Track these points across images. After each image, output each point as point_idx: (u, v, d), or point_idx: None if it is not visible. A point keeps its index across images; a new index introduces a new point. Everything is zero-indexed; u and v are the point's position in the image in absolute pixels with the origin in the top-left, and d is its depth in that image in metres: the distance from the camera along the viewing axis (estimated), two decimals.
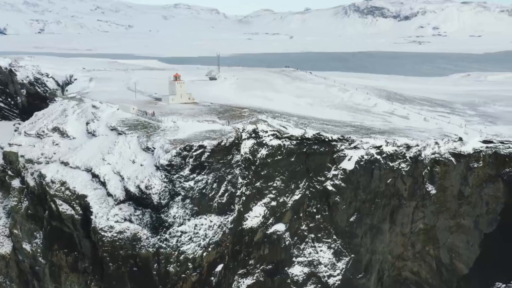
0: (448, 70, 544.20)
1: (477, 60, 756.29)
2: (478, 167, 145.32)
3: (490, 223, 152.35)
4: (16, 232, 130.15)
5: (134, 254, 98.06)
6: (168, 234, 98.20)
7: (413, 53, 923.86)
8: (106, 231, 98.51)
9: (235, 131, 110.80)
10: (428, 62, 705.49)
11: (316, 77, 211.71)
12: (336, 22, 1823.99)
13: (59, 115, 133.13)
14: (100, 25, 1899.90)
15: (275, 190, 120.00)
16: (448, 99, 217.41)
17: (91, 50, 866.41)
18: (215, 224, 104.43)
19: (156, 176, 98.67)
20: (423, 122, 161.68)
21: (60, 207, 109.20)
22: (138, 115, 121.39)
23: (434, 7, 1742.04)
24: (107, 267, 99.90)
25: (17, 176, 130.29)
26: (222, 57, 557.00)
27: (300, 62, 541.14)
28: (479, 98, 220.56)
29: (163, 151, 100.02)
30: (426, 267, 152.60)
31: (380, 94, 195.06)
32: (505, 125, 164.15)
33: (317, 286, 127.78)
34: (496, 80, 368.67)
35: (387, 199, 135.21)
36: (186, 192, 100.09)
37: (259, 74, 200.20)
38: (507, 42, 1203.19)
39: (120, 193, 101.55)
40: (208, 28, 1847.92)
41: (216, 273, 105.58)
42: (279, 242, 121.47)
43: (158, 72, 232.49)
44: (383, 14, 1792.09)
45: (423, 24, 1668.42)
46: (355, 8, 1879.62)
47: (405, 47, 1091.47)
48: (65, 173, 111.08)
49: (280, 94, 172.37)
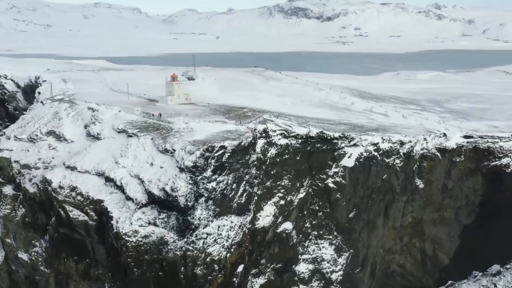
0: (377, 70, 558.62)
1: (401, 59, 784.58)
2: (460, 161, 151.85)
3: (469, 215, 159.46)
4: (9, 241, 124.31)
5: (161, 258, 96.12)
6: (195, 237, 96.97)
7: (340, 53, 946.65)
8: (130, 236, 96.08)
9: (251, 131, 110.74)
10: (355, 61, 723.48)
11: (288, 77, 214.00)
12: (261, 23, 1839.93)
13: (52, 118, 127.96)
14: (17, 25, 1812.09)
15: (283, 189, 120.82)
16: (409, 97, 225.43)
17: (11, 50, 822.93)
18: (236, 225, 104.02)
19: (181, 178, 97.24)
20: (402, 119, 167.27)
21: (71, 213, 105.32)
22: (145, 117, 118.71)
23: (355, 8, 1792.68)
24: (131, 272, 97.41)
25: (9, 182, 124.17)
26: (152, 57, 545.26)
27: (236, 62, 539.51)
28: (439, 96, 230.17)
29: (187, 153, 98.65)
30: (411, 259, 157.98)
31: (352, 92, 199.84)
32: (478, 121, 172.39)
33: (321, 282, 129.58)
34: (425, 79, 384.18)
35: (382, 195, 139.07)
36: (209, 194, 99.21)
37: (234, 74, 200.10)
38: (425, 42, 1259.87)
39: (141, 197, 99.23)
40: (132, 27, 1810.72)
41: (238, 273, 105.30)
42: (287, 241, 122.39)
43: (131, 72, 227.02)
44: (307, 15, 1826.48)
45: (345, 25, 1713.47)
46: (279, 9, 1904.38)
47: (330, 47, 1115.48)
48: (74, 178, 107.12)
49: (263, 93, 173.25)
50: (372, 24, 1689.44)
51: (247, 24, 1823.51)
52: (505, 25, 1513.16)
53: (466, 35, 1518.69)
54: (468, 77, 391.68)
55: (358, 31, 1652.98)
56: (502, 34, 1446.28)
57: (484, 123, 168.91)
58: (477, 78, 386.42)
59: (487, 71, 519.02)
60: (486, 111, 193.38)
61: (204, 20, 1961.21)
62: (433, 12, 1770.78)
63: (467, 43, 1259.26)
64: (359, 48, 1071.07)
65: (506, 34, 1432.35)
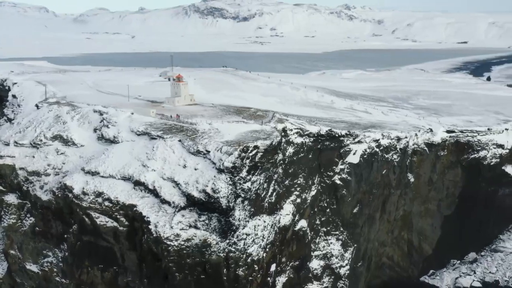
0: (301, 69, 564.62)
1: (320, 59, 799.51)
2: (444, 155, 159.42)
3: (449, 206, 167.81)
4: (13, 252, 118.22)
5: (203, 261, 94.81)
6: (236, 238, 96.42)
7: (260, 53, 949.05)
8: (172, 240, 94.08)
9: (276, 130, 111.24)
10: (277, 61, 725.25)
11: (260, 77, 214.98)
12: (177, 22, 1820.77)
13: (54, 122, 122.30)
14: None
15: (299, 187, 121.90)
16: (371, 94, 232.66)
17: None
18: (268, 224, 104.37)
19: (221, 179, 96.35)
20: (384, 116, 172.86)
21: (97, 220, 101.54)
22: (162, 119, 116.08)
23: (270, 9, 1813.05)
24: (173, 277, 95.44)
25: (13, 191, 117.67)
26: (70, 57, 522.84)
27: (155, 62, 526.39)
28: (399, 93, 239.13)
29: (224, 153, 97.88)
30: (399, 251, 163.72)
31: (325, 91, 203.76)
32: (451, 117, 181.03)
33: (331, 277, 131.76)
34: (351, 77, 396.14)
35: (381, 189, 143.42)
36: (245, 194, 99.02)
37: (210, 74, 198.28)
38: (339, 42, 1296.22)
39: (178, 199, 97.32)
40: (41, 27, 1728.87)
41: (272, 273, 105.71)
42: (303, 238, 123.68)
43: (106, 73, 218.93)
44: (223, 15, 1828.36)
45: (261, 25, 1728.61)
46: (195, 9, 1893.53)
47: (249, 47, 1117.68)
48: (98, 183, 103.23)
49: (246, 93, 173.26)
50: (287, 24, 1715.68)
51: (162, 24, 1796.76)
52: (413, 25, 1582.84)
53: (376, 35, 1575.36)
54: (390, 75, 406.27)
55: (274, 31, 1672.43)
56: (410, 33, 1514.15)
57: (457, 118, 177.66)
58: (400, 76, 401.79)
59: (404, 69, 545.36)
60: (452, 107, 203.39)
61: (118, 20, 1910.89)
62: (345, 13, 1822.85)
63: (378, 43, 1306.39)
64: (277, 48, 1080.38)
65: (414, 34, 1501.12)
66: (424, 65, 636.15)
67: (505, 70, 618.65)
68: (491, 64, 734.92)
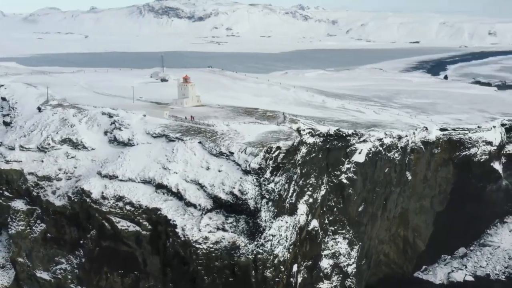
0: (262, 69, 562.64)
1: (278, 59, 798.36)
2: (438, 152, 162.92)
3: (441, 202, 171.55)
4: (21, 260, 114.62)
5: (232, 263, 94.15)
6: (263, 239, 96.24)
7: (218, 53, 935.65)
8: (201, 243, 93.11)
9: (294, 131, 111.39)
10: (237, 61, 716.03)
11: (248, 77, 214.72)
12: (131, 22, 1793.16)
13: (61, 125, 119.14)
14: None
15: (311, 187, 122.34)
16: (354, 94, 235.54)
17: None
18: (290, 225, 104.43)
19: (248, 180, 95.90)
20: (376, 115, 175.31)
21: (118, 224, 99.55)
22: (177, 120, 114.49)
23: (226, 8, 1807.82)
24: (201, 281, 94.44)
25: (20, 196, 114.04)
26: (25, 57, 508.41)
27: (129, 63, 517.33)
28: (381, 92, 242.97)
29: (249, 155, 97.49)
30: (394, 247, 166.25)
31: (312, 91, 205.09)
32: (439, 115, 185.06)
33: (339, 276, 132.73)
34: (313, 77, 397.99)
35: (383, 188, 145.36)
36: (269, 195, 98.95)
37: (198, 75, 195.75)
38: (295, 42, 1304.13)
39: (205, 202, 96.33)
40: None
41: (294, 273, 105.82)
42: (316, 238, 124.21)
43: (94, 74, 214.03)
44: (178, 15, 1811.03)
45: (217, 25, 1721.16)
46: (149, 8, 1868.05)
47: (206, 47, 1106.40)
48: (118, 187, 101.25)
49: (239, 93, 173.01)
50: (243, 24, 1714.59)
51: (116, 23, 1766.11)
52: (366, 25, 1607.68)
53: (331, 35, 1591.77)
54: (351, 75, 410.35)
55: (230, 31, 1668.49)
56: (364, 33, 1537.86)
57: (446, 117, 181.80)
58: (359, 75, 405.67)
59: (363, 68, 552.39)
60: (436, 106, 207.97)
61: (70, 19, 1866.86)
62: (299, 13, 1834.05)
63: (334, 43, 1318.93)
64: (235, 48, 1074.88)
65: (367, 33, 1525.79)
66: (381, 64, 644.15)
67: (460, 69, 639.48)
68: (446, 63, 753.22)
